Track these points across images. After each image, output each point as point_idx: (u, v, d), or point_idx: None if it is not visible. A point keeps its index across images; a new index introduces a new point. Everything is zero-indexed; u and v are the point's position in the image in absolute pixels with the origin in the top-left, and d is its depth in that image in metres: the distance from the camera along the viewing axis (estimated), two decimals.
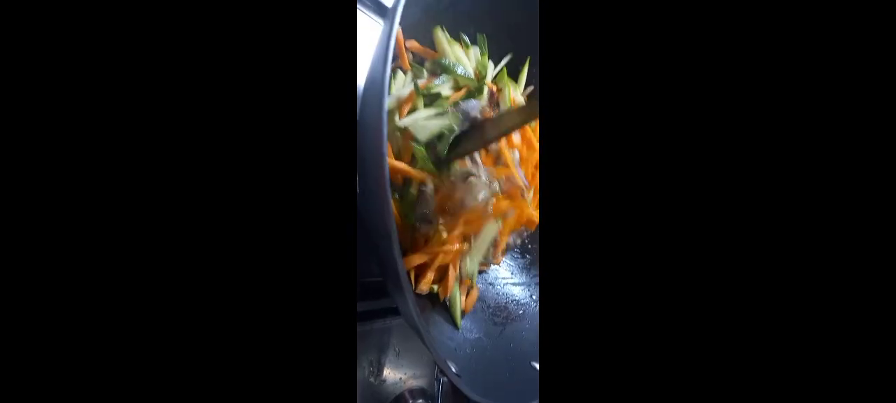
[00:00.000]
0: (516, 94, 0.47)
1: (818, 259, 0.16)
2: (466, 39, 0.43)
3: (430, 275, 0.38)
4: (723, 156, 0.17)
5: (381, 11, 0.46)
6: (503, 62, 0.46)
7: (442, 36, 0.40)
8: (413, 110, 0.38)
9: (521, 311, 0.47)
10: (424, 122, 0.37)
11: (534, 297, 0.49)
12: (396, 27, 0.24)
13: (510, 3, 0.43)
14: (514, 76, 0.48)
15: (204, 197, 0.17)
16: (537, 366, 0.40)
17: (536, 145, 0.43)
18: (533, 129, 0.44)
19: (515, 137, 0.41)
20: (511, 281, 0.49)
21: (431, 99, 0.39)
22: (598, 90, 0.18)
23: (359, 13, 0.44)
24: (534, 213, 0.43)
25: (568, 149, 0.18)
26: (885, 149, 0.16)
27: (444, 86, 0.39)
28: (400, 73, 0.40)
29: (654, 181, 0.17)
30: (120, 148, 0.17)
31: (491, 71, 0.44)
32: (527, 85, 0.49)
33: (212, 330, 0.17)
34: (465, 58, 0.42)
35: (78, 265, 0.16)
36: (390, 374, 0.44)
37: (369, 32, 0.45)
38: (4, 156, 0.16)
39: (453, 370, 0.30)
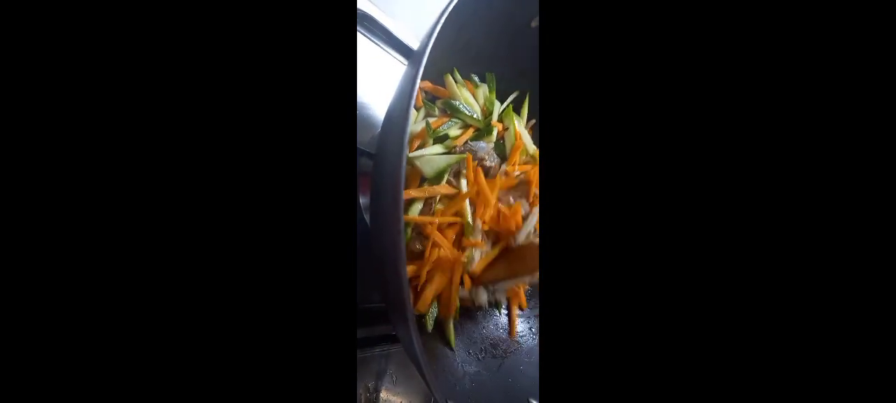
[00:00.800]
0: (521, 129, 0.48)
1: (814, 282, 0.16)
2: (476, 79, 0.45)
3: (430, 292, 0.39)
4: (716, 189, 0.17)
5: (405, 52, 0.48)
6: (509, 100, 0.48)
7: (452, 81, 0.43)
8: (422, 145, 0.40)
9: (517, 347, 0.47)
10: (432, 158, 0.38)
11: (533, 329, 0.49)
12: (420, 72, 0.25)
13: (518, 43, 0.45)
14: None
15: (205, 226, 0.17)
16: None
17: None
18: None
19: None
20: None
21: (440, 137, 0.40)
22: (595, 129, 0.18)
23: (382, 52, 0.47)
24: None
25: (566, 189, 0.18)
26: (884, 150, 0.16)
27: (453, 127, 0.41)
28: (412, 109, 0.42)
29: (656, 217, 0.18)
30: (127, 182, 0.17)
31: (497, 109, 0.46)
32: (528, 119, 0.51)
33: (213, 355, 0.17)
34: (472, 99, 0.44)
35: (71, 267, 0.16)
36: (387, 400, 0.44)
37: (391, 70, 0.47)
38: (4, 156, 0.15)
39: None
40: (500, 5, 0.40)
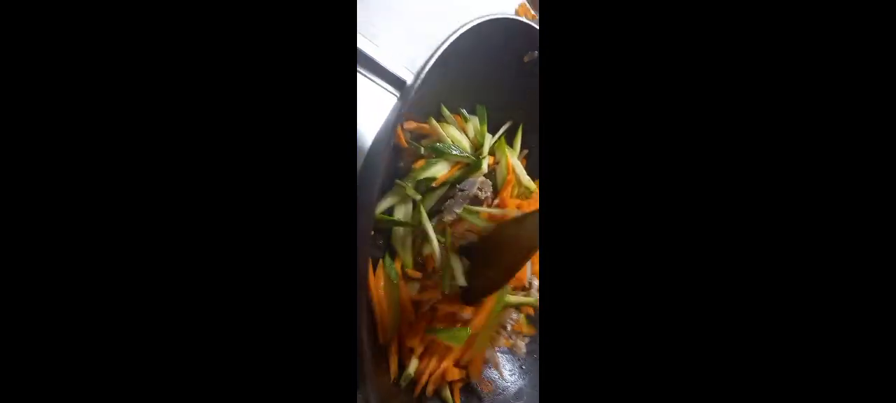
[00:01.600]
0: (514, 161, 0.48)
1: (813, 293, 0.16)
2: (465, 113, 0.44)
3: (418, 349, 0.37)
4: (715, 194, 0.18)
5: (397, 84, 0.48)
6: (501, 131, 0.47)
7: (435, 123, 0.42)
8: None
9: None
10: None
11: (523, 367, 0.47)
12: (398, 122, 0.24)
13: (511, 75, 0.45)
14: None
15: (207, 237, 0.17)
16: None
17: None
18: None
19: None
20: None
21: (421, 182, 0.40)
22: (595, 137, 0.19)
23: (373, 85, 0.46)
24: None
25: (566, 195, 0.19)
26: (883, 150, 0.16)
27: (438, 166, 0.40)
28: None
29: (656, 224, 0.18)
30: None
31: (488, 141, 0.45)
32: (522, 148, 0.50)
33: (214, 357, 0.17)
34: (460, 135, 0.43)
35: (71, 267, 0.16)
36: None
37: (384, 101, 0.46)
38: (5, 156, 0.16)
39: None
40: (492, 40, 0.40)
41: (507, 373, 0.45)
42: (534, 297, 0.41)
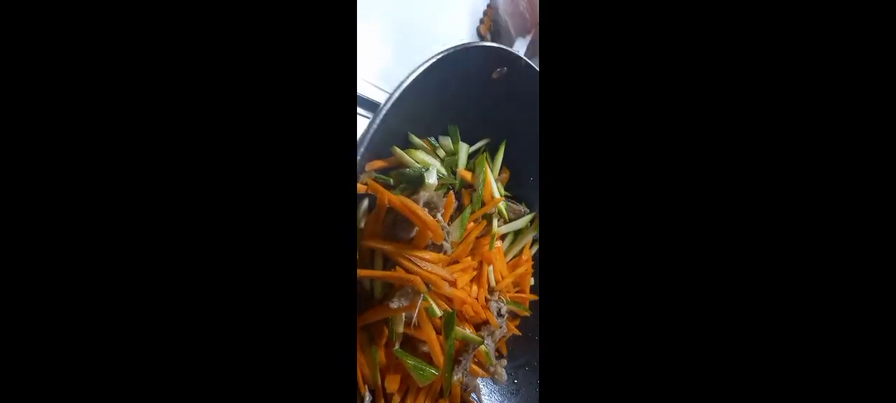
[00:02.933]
0: (491, 175, 0.47)
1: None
2: (433, 140, 0.43)
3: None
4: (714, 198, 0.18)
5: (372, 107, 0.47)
6: (477, 145, 0.47)
7: (399, 150, 0.41)
8: None
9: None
10: None
11: (516, 379, 0.47)
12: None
13: (481, 94, 0.44)
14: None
15: (208, 237, 0.17)
16: None
17: None
18: None
19: None
20: None
21: None
22: (593, 142, 0.19)
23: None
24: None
25: (565, 202, 0.19)
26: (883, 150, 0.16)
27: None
28: None
29: (655, 230, 0.18)
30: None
31: (463, 159, 0.44)
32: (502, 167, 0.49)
33: (213, 357, 0.17)
34: (431, 159, 0.42)
35: (71, 267, 0.16)
36: None
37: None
38: (5, 156, 0.16)
39: None
40: (462, 63, 0.39)
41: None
42: (478, 338, 0.41)
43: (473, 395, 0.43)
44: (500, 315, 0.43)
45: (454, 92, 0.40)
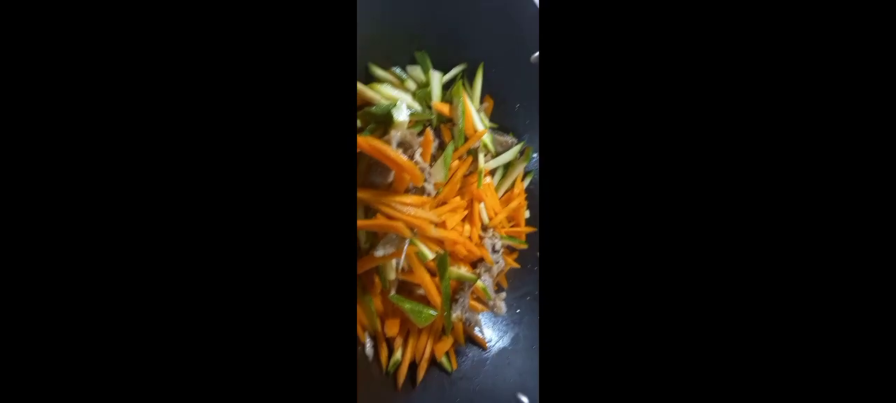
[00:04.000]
0: (471, 105, 0.43)
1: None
2: (398, 71, 0.39)
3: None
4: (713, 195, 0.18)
5: None
6: (452, 73, 0.42)
7: (362, 87, 0.37)
8: None
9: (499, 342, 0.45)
10: None
11: (506, 334, 0.47)
12: None
13: (451, 12, 0.39)
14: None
15: (209, 236, 0.17)
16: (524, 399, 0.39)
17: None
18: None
19: None
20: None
21: None
22: (593, 132, 0.18)
23: None
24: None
25: (565, 191, 0.19)
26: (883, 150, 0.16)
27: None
28: None
29: (654, 223, 0.18)
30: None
31: (436, 88, 0.40)
32: (483, 94, 0.45)
33: (212, 357, 0.17)
34: (400, 93, 0.38)
35: (72, 267, 0.16)
36: None
37: None
38: (5, 156, 0.16)
39: None
40: None
41: (493, 333, 0.46)
42: (473, 275, 0.40)
43: (477, 329, 0.42)
44: (495, 251, 0.41)
45: (415, 10, 0.35)
